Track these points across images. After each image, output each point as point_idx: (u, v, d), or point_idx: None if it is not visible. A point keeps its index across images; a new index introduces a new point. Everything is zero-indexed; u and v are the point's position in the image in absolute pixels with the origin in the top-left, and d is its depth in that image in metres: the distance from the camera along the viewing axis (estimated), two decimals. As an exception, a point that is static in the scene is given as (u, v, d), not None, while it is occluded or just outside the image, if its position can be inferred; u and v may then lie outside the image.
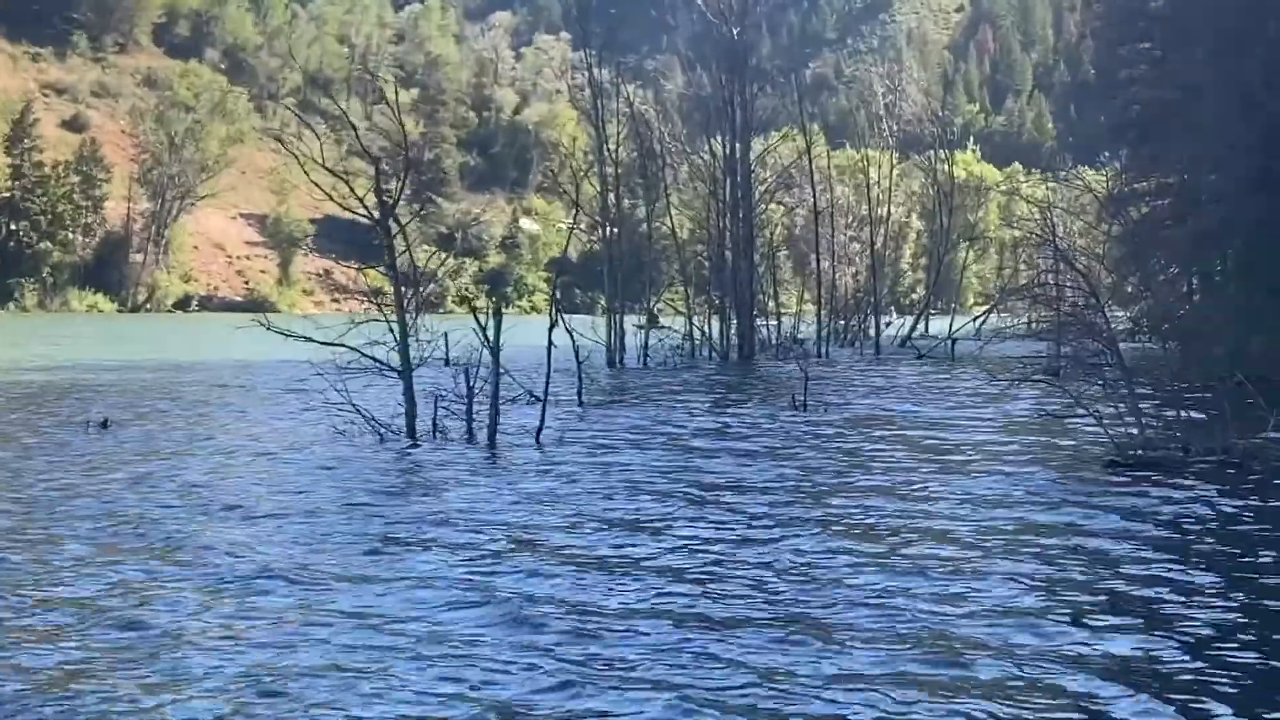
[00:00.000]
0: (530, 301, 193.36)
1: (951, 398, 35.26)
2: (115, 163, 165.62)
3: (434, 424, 24.60)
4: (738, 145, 59.36)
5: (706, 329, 59.71)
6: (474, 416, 24.71)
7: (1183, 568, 13.78)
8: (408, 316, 24.24)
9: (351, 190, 24.78)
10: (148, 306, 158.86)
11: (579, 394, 32.77)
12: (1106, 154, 78.00)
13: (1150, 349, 43.98)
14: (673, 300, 63.57)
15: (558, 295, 30.55)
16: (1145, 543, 15.17)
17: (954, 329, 62.48)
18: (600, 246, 59.17)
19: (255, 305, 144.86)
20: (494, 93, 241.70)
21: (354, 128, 27.06)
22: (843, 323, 74.69)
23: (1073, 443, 23.67)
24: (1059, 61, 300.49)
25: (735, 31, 60.81)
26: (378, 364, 24.01)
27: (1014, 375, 25.17)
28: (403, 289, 24.43)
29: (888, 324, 78.88)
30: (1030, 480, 19.72)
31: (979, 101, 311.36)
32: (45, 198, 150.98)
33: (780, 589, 12.70)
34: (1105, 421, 21.94)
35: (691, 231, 67.47)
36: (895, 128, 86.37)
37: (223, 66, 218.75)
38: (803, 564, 13.90)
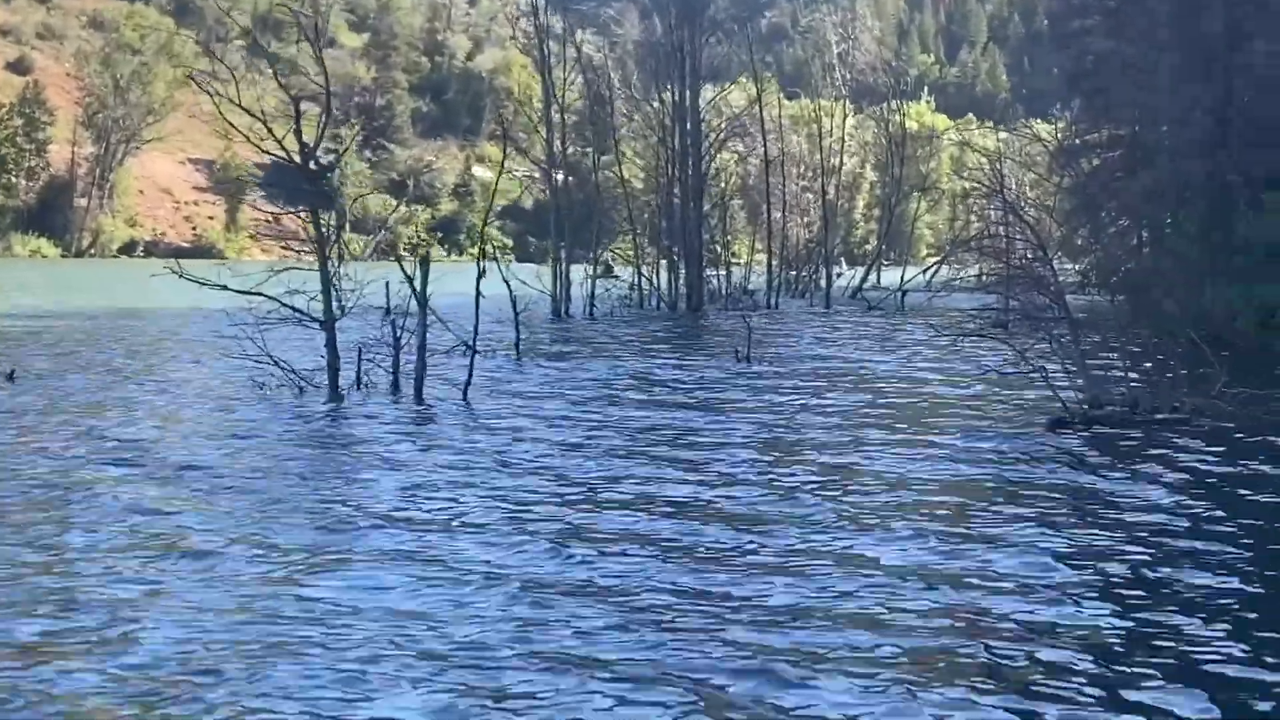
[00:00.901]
0: (483, 249, 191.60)
1: (897, 351, 34.57)
2: (60, 106, 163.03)
3: (358, 377, 23.66)
4: (687, 93, 58.26)
5: (655, 279, 58.83)
6: (401, 369, 23.75)
7: (1121, 530, 13.12)
8: (330, 264, 23.16)
9: (270, 131, 23.77)
10: (92, 252, 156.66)
11: (516, 346, 31.85)
12: (1059, 106, 77.33)
13: (1099, 302, 43.42)
14: (622, 249, 62.72)
15: (507, 243, 29.62)
16: (1084, 503, 14.55)
17: (904, 281, 61.89)
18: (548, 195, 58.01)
19: (202, 251, 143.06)
20: (447, 38, 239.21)
21: (274, 62, 25.52)
22: (794, 274, 73.90)
23: (1017, 399, 22.98)
24: (1014, 13, 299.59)
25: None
26: (297, 313, 23.02)
27: (958, 330, 24.46)
28: (325, 235, 23.34)
29: (839, 275, 78.24)
30: (970, 438, 19.01)
31: (933, 52, 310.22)
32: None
33: (708, 552, 12.05)
34: (1051, 378, 21.26)
35: (642, 180, 66.48)
36: (848, 77, 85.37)
37: (169, 8, 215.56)
38: (730, 522, 13.23)
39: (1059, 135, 64.34)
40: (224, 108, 23.43)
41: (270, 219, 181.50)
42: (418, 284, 23.19)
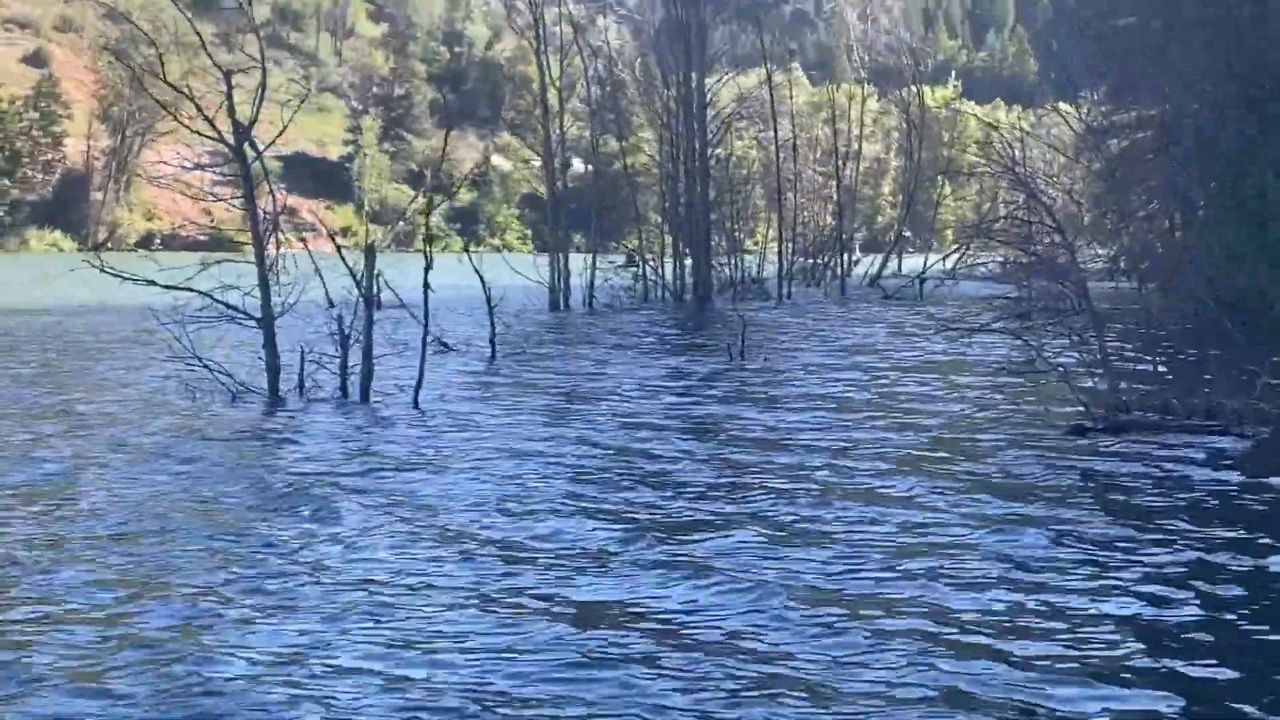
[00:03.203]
0: (503, 240, 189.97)
1: (909, 346, 32.14)
2: (78, 99, 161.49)
3: (300, 380, 21.33)
4: (693, 75, 55.76)
5: (660, 269, 56.44)
6: (349, 370, 21.42)
7: (1151, 551, 11.27)
8: (269, 256, 20.85)
9: (199, 110, 21.43)
10: (109, 245, 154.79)
11: (491, 342, 29.49)
12: (1086, 88, 75.05)
13: (1128, 289, 41.02)
14: (631, 240, 60.44)
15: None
16: (1109, 521, 12.52)
17: (924, 269, 59.55)
18: (560, 184, 55.52)
19: (220, 244, 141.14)
20: (465, 28, 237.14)
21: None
22: (810, 262, 71.49)
23: (1034, 401, 20.55)
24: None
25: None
26: (231, 310, 20.70)
27: (970, 324, 22.06)
28: (261, 224, 21.00)
29: (856, 261, 75.90)
30: (982, 446, 16.73)
31: (961, 37, 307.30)
32: (2, 135, 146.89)
33: (682, 573, 10.62)
34: (1072, 377, 18.87)
35: (646, 166, 64.10)
36: (867, 59, 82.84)
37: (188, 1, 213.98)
38: (704, 543, 11.55)
39: (1086, 117, 61.85)
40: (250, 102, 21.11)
41: (288, 210, 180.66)
42: (363, 276, 20.81)
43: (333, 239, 21.72)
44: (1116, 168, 50.38)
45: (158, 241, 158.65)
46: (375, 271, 20.87)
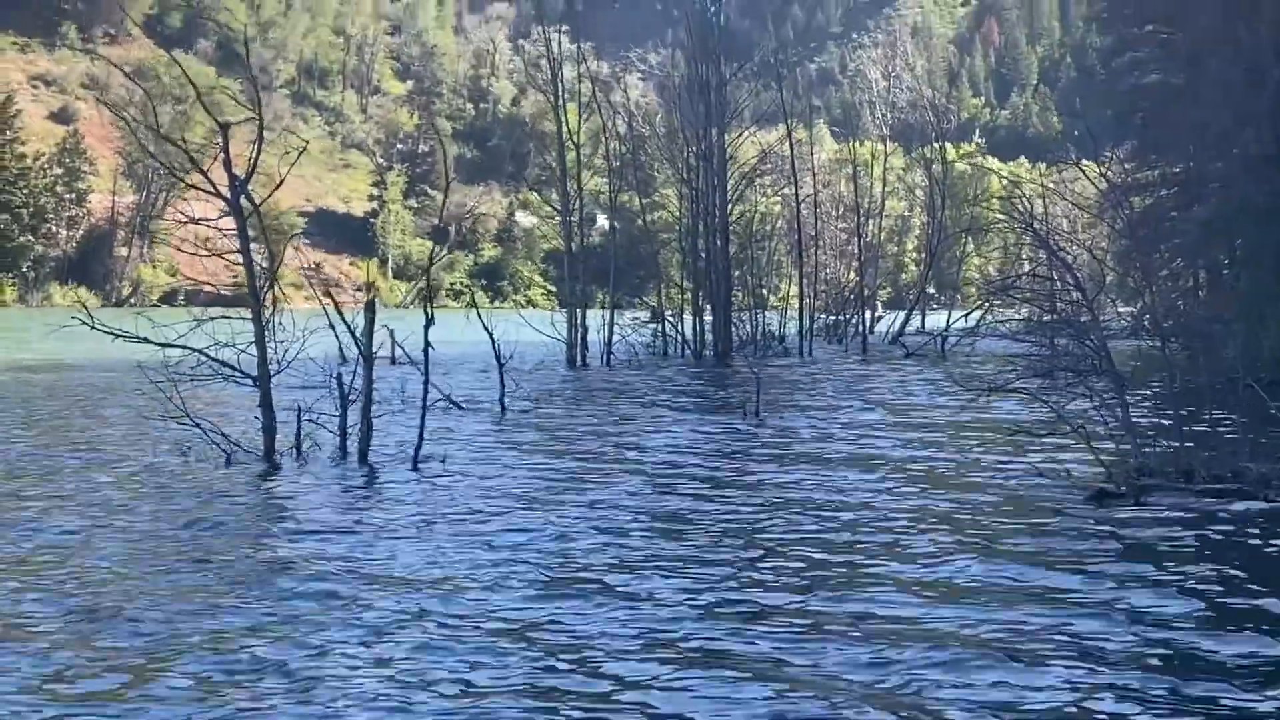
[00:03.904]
0: (526, 295, 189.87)
1: (926, 405, 31.49)
2: (103, 155, 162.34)
3: (296, 441, 20.73)
4: (714, 131, 55.37)
5: (680, 325, 55.91)
6: (348, 430, 20.83)
7: (1178, 628, 10.59)
8: (265, 312, 20.30)
9: (193, 161, 20.94)
10: (132, 301, 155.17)
11: (500, 401, 28.92)
12: (1111, 146, 74.62)
13: (1153, 350, 40.25)
14: (645, 296, 60.01)
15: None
16: (1130, 592, 11.84)
17: (946, 326, 58.91)
18: (579, 240, 55.07)
19: (243, 300, 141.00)
20: (491, 85, 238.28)
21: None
22: (833, 318, 70.96)
23: (1054, 464, 19.86)
24: (1065, 54, 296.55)
25: (711, 7, 56.99)
26: (226, 368, 20.15)
27: (986, 384, 21.42)
28: (258, 279, 20.46)
29: (879, 318, 75.36)
30: (999, 511, 16.09)
31: (984, 95, 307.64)
32: (27, 190, 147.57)
33: (686, 659, 9.89)
34: (1093, 440, 18.20)
35: (666, 223, 63.75)
36: (889, 115, 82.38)
37: (215, 57, 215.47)
38: (707, 627, 10.77)
39: (1108, 174, 61.38)
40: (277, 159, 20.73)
41: (313, 266, 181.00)
42: (362, 333, 20.25)
43: (329, 294, 21.03)
44: (1140, 225, 49.77)
45: (181, 297, 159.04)
46: (373, 327, 20.25)
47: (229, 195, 20.17)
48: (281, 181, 20.29)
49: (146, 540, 14.33)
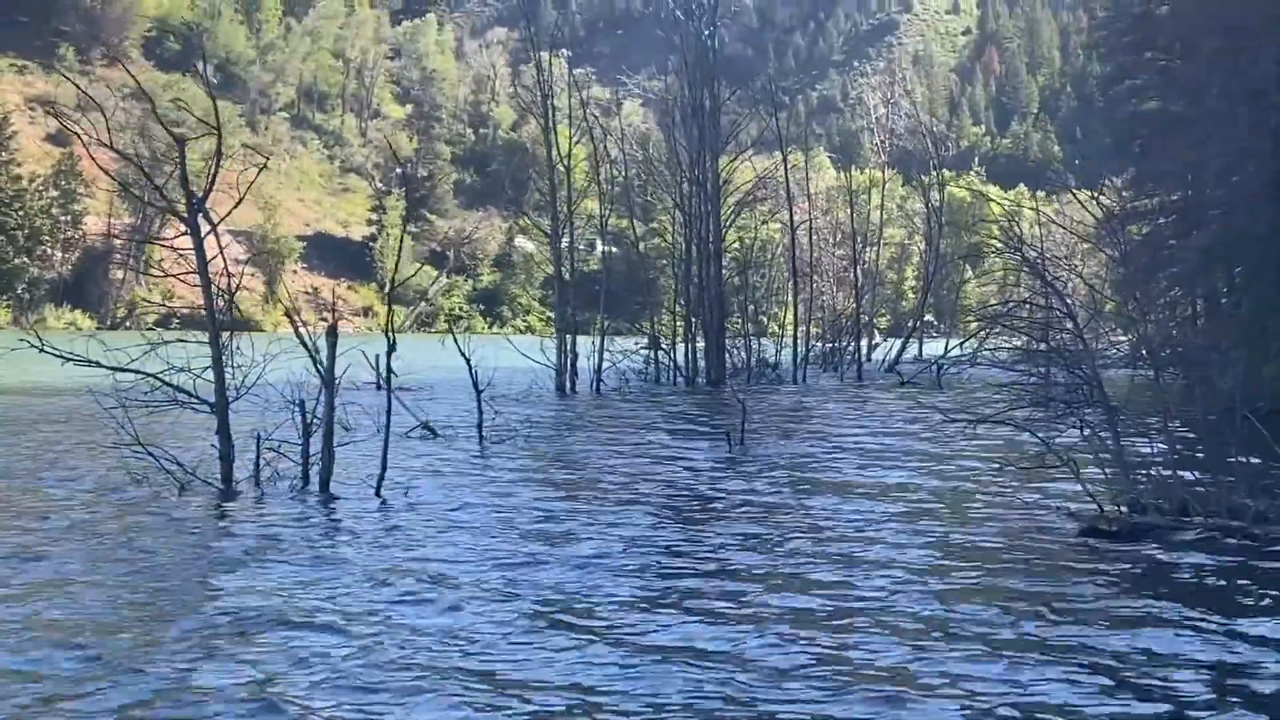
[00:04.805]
0: (525, 321, 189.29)
1: (916, 435, 30.69)
2: (99, 177, 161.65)
3: (255, 470, 19.91)
4: (707, 155, 54.65)
5: (672, 352, 55.15)
6: (310, 458, 20.00)
7: (1168, 669, 9.97)
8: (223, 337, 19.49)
9: (146, 176, 20.25)
10: (128, 325, 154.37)
11: (479, 429, 28.10)
12: (1111, 176, 74.16)
13: (1146, 379, 39.50)
14: (642, 323, 59.30)
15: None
16: (1122, 635, 11.14)
17: (942, 354, 58.19)
18: (569, 266, 54.33)
19: (240, 324, 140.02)
20: (491, 110, 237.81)
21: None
22: (829, 346, 70.26)
23: (1042, 499, 19.09)
24: (1066, 84, 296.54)
25: (707, 31, 56.34)
26: (182, 394, 19.34)
27: (974, 415, 20.62)
28: (215, 304, 19.67)
29: (876, 346, 74.72)
30: (985, 549, 15.30)
31: (985, 124, 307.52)
32: (23, 212, 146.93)
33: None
34: (1085, 473, 17.43)
35: (659, 249, 63.10)
36: (887, 142, 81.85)
37: (215, 80, 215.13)
38: (675, 664, 10.10)
39: (1104, 201, 60.79)
40: (277, 184, 19.91)
41: (311, 291, 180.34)
42: (324, 358, 19.46)
43: (289, 317, 20.21)
44: (1138, 253, 49.17)
45: (176, 320, 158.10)
46: (335, 352, 19.45)
47: (185, 213, 19.31)
48: (240, 200, 19.48)
49: (84, 577, 13.50)
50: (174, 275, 20.01)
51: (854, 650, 10.75)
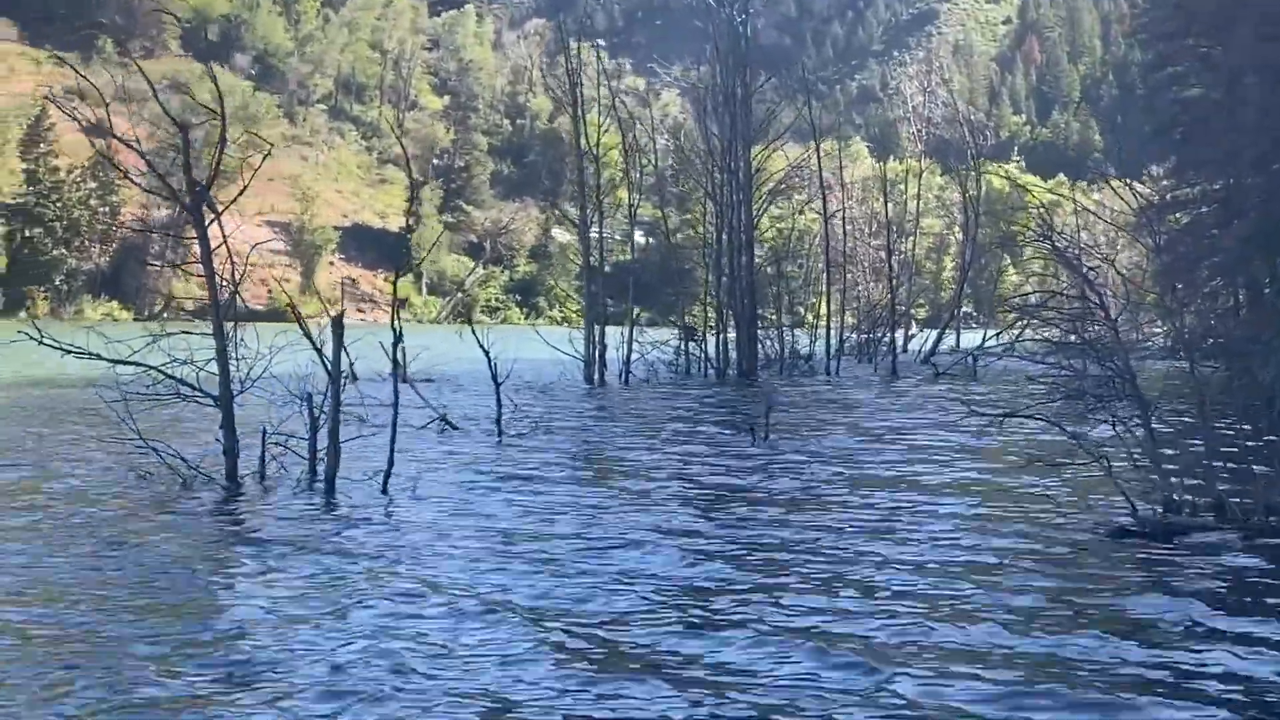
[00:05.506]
0: (562, 311, 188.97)
1: (947, 429, 29.89)
2: (138, 169, 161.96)
3: (261, 465, 19.38)
4: (738, 144, 53.91)
5: (703, 342, 54.50)
6: (317, 454, 19.44)
7: (1199, 677, 9.50)
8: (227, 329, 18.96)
9: (151, 166, 19.75)
10: (165, 315, 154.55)
11: (497, 422, 27.49)
12: (1152, 164, 73.17)
13: (1181, 370, 38.77)
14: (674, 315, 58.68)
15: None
16: (1153, 640, 10.71)
17: (979, 345, 57.37)
18: (597, 255, 53.72)
19: (277, 315, 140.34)
20: (528, 101, 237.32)
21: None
22: (864, 337, 69.47)
23: (1076, 495, 18.41)
24: (1107, 72, 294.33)
25: (739, 18, 55.64)
26: (185, 386, 18.81)
27: (1005, 409, 19.92)
28: (219, 292, 19.15)
29: (912, 337, 73.98)
30: (1013, 548, 14.68)
31: (1025, 113, 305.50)
32: (61, 204, 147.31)
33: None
34: (1117, 470, 16.72)
35: (691, 240, 62.42)
36: (923, 131, 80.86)
37: (253, 72, 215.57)
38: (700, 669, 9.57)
39: (1141, 191, 59.90)
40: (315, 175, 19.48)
41: (348, 281, 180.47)
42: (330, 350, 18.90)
43: (291, 308, 19.69)
44: (1178, 242, 48.34)
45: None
46: (341, 345, 18.90)
47: (188, 202, 18.80)
48: (245, 188, 18.95)
49: (81, 576, 13.07)
50: (176, 265, 19.44)
51: (880, 649, 10.30)
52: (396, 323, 19.56)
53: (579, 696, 9.31)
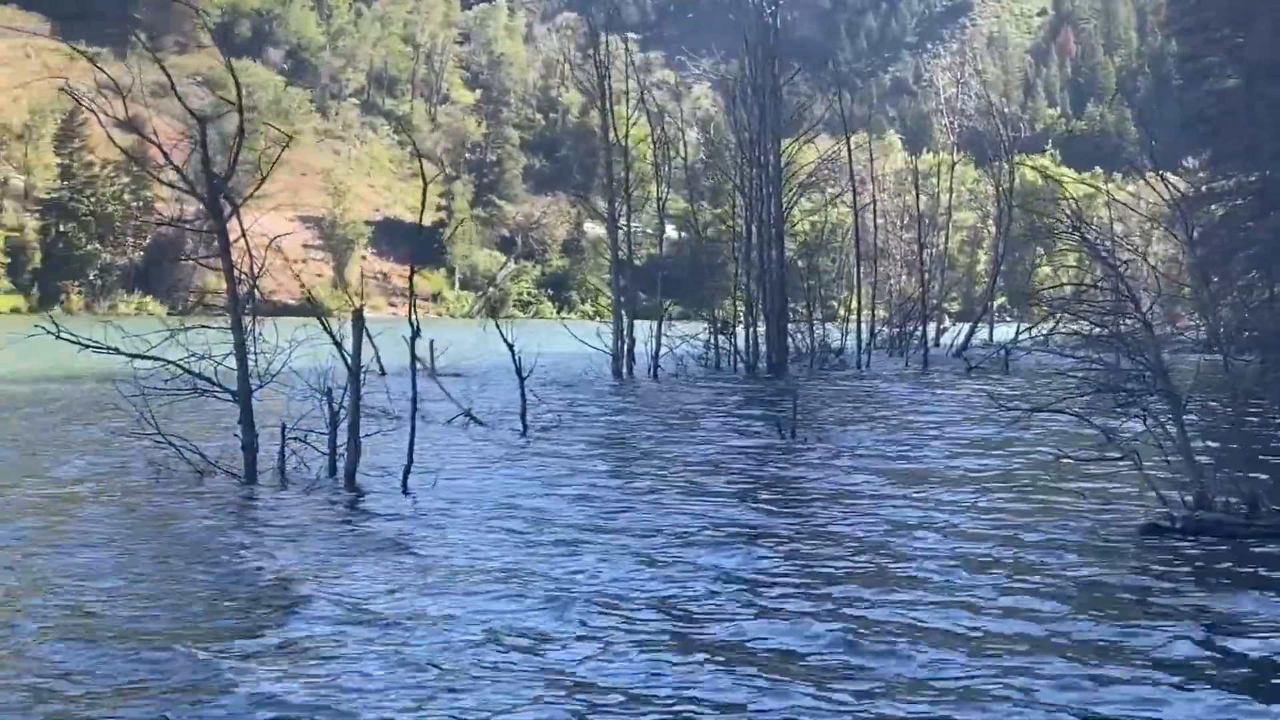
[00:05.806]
0: (595, 306, 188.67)
1: (977, 424, 29.54)
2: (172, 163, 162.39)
3: (280, 461, 19.19)
4: (767, 136, 53.47)
5: (733, 336, 54.14)
6: (337, 450, 19.25)
7: (1229, 681, 9.28)
8: (246, 323, 18.77)
9: (167, 158, 19.59)
10: (198, 310, 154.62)
11: (521, 417, 27.23)
12: (1188, 157, 72.63)
13: (1215, 363, 38.35)
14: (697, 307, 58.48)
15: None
16: (1184, 641, 10.44)
17: (1012, 339, 56.98)
18: (626, 249, 53.39)
19: (309, 309, 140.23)
20: (561, 95, 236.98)
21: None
22: (895, 330, 69.00)
23: (1106, 492, 18.08)
24: (1143, 64, 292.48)
25: (769, 9, 55.28)
26: (204, 381, 18.65)
27: (1032, 403, 19.62)
28: (238, 289, 18.96)
29: (944, 330, 73.50)
30: (1042, 545, 14.47)
31: (1060, 105, 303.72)
32: (95, 198, 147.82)
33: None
34: (1148, 466, 16.38)
35: (721, 234, 62.11)
36: (956, 123, 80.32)
37: (285, 66, 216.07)
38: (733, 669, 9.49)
39: (1174, 183, 59.38)
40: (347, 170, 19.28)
41: (380, 275, 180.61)
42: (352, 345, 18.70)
43: (310, 300, 19.51)
44: (1212, 235, 47.88)
45: (248, 306, 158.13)
46: (361, 340, 18.70)
47: (206, 195, 18.62)
48: (264, 179, 18.86)
49: (96, 574, 12.90)
50: (197, 259, 19.29)
51: (912, 644, 10.20)
52: (414, 316, 19.28)
53: (653, 683, 9.36)
